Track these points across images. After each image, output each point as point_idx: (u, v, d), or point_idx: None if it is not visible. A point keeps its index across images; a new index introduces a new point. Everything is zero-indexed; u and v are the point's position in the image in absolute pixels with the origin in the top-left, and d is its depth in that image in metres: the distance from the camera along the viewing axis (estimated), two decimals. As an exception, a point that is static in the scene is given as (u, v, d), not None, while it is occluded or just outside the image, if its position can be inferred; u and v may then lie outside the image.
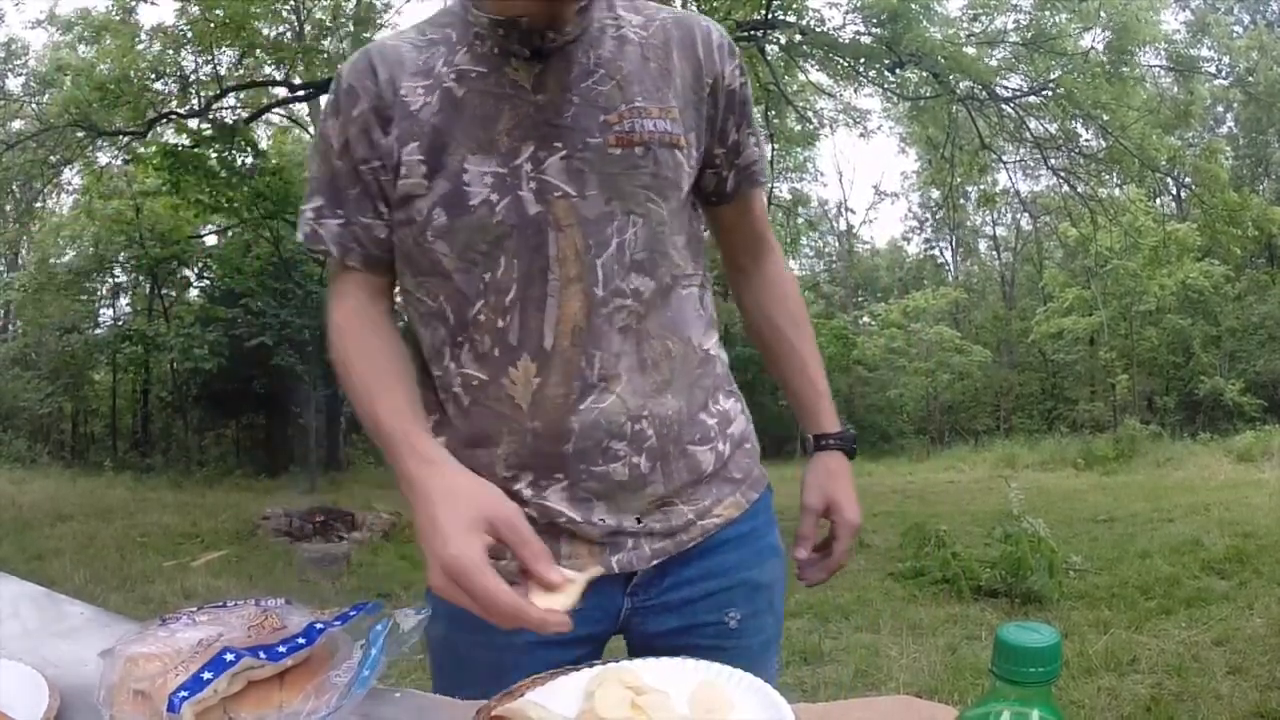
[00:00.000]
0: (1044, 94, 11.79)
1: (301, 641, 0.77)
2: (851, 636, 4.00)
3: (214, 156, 10.79)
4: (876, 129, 24.40)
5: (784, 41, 11.11)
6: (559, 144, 0.92)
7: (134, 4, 11.73)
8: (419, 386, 1.01)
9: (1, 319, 18.71)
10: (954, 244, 26.30)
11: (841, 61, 11.69)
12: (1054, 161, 13.14)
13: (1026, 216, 22.20)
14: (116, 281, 18.12)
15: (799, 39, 11.06)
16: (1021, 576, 4.49)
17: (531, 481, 0.97)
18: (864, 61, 11.54)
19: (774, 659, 1.12)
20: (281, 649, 0.75)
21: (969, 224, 24.57)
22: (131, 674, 0.73)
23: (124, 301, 18.86)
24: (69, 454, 16.32)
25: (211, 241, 16.15)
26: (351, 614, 0.82)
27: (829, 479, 1.13)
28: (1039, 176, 17.93)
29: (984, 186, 16.18)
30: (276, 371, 12.65)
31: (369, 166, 0.96)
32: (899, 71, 11.55)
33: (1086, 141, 12.56)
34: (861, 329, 21.33)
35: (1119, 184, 13.77)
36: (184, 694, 0.69)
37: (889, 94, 12.94)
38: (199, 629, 0.79)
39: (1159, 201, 18.44)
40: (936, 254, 26.98)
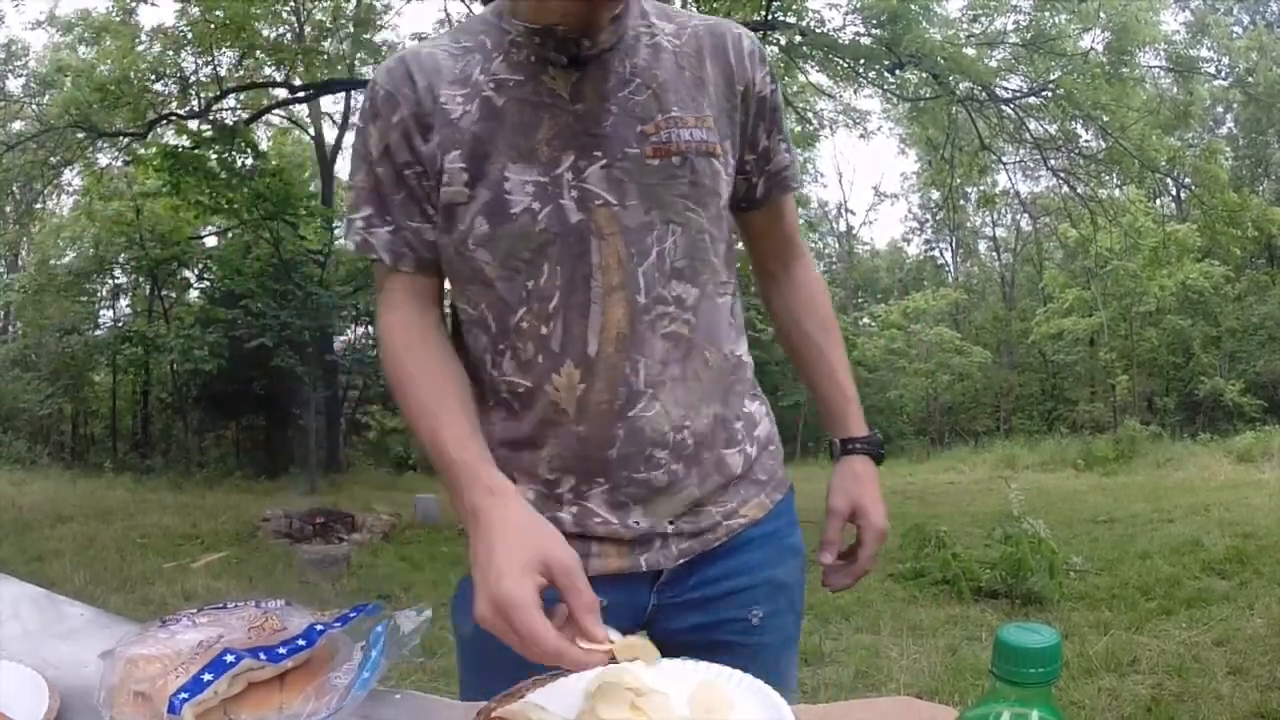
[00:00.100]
0: (1044, 95, 11.80)
1: (302, 643, 0.77)
2: (852, 637, 4.00)
3: (214, 158, 10.81)
4: (876, 130, 24.37)
5: (784, 42, 11.11)
6: (598, 153, 0.93)
7: (134, 5, 11.75)
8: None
9: (1, 320, 18.71)
10: (954, 245, 26.34)
11: (841, 62, 11.69)
12: (1054, 162, 13.16)
13: (1026, 217, 22.23)
14: (116, 283, 18.13)
15: (799, 40, 11.07)
16: (1022, 577, 4.49)
17: (573, 486, 0.99)
18: (864, 62, 11.54)
19: (793, 656, 1.14)
20: (282, 650, 0.75)
21: (969, 225, 24.59)
22: (132, 675, 0.73)
23: (124, 303, 18.88)
24: (69, 455, 16.32)
25: (211, 243, 16.15)
26: (352, 616, 0.82)
27: (855, 483, 1.14)
28: (1039, 177, 17.97)
29: (984, 187, 16.21)
30: (276, 373, 12.65)
31: (412, 171, 0.96)
32: (899, 72, 11.55)
33: (1086, 142, 12.58)
34: (861, 330, 21.32)
35: (1119, 185, 13.77)
36: (184, 695, 0.69)
37: (889, 95, 12.95)
38: (199, 630, 0.79)
39: (1159, 202, 18.44)
40: (936, 255, 27.02)
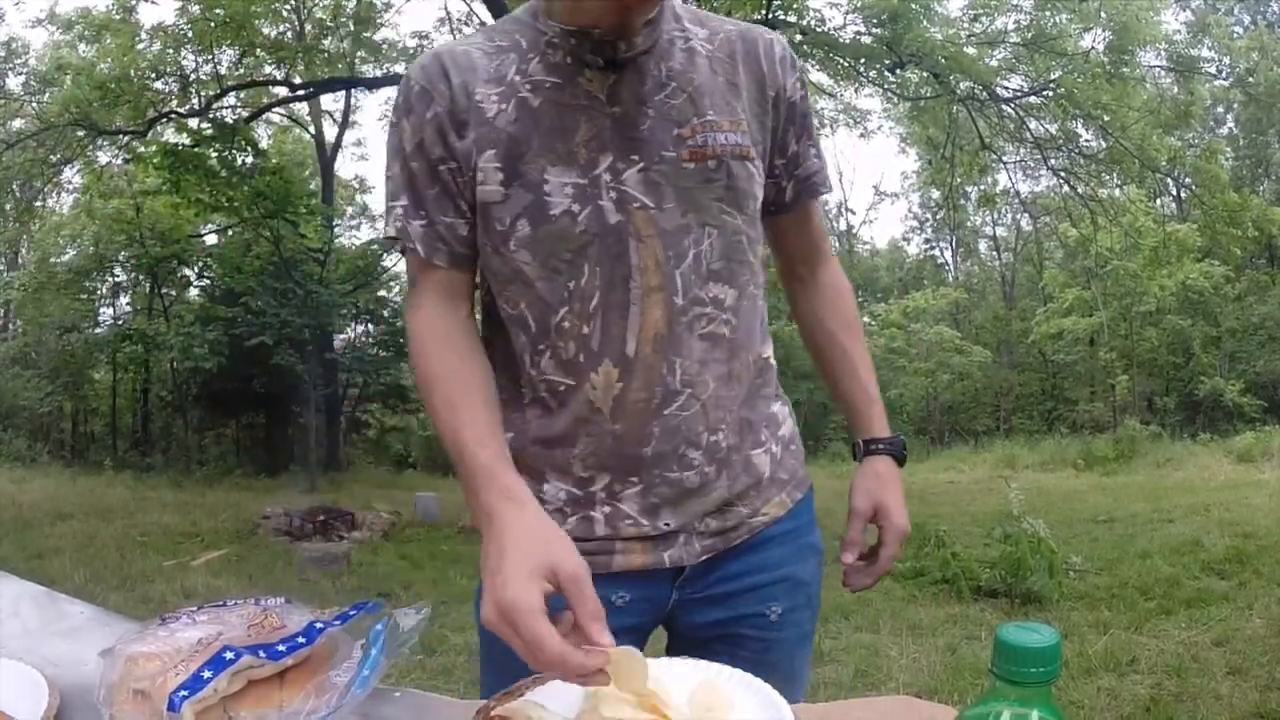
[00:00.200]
0: (1044, 94, 11.79)
1: (302, 641, 0.77)
2: (851, 636, 4.00)
3: (214, 156, 10.80)
4: (876, 129, 24.36)
5: (784, 42, 11.10)
6: (636, 156, 0.95)
7: (134, 3, 11.75)
8: (500, 385, 1.02)
9: (1, 318, 18.72)
10: (954, 244, 26.33)
11: (842, 61, 11.69)
12: (1054, 162, 13.15)
13: (1026, 217, 22.23)
14: (116, 281, 18.13)
15: (799, 39, 11.05)
16: (1021, 577, 4.50)
17: (606, 485, 1.00)
18: (864, 61, 11.54)
19: (808, 653, 1.15)
20: (281, 648, 0.75)
21: (969, 224, 24.59)
22: (131, 673, 0.73)
23: (124, 300, 18.88)
24: (69, 453, 16.32)
25: (212, 241, 16.15)
26: (352, 614, 0.82)
27: (878, 484, 1.15)
28: (1039, 177, 17.97)
29: (984, 187, 16.18)
30: (276, 371, 12.66)
31: (446, 167, 0.97)
32: (899, 72, 11.55)
33: (1086, 142, 12.57)
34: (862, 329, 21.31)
35: (1119, 184, 13.76)
36: (184, 693, 0.69)
37: (889, 94, 12.95)
38: (199, 628, 0.79)
39: (1159, 202, 18.42)
40: (936, 254, 27.01)
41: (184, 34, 11.49)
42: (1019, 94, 12.05)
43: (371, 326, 16.91)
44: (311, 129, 17.85)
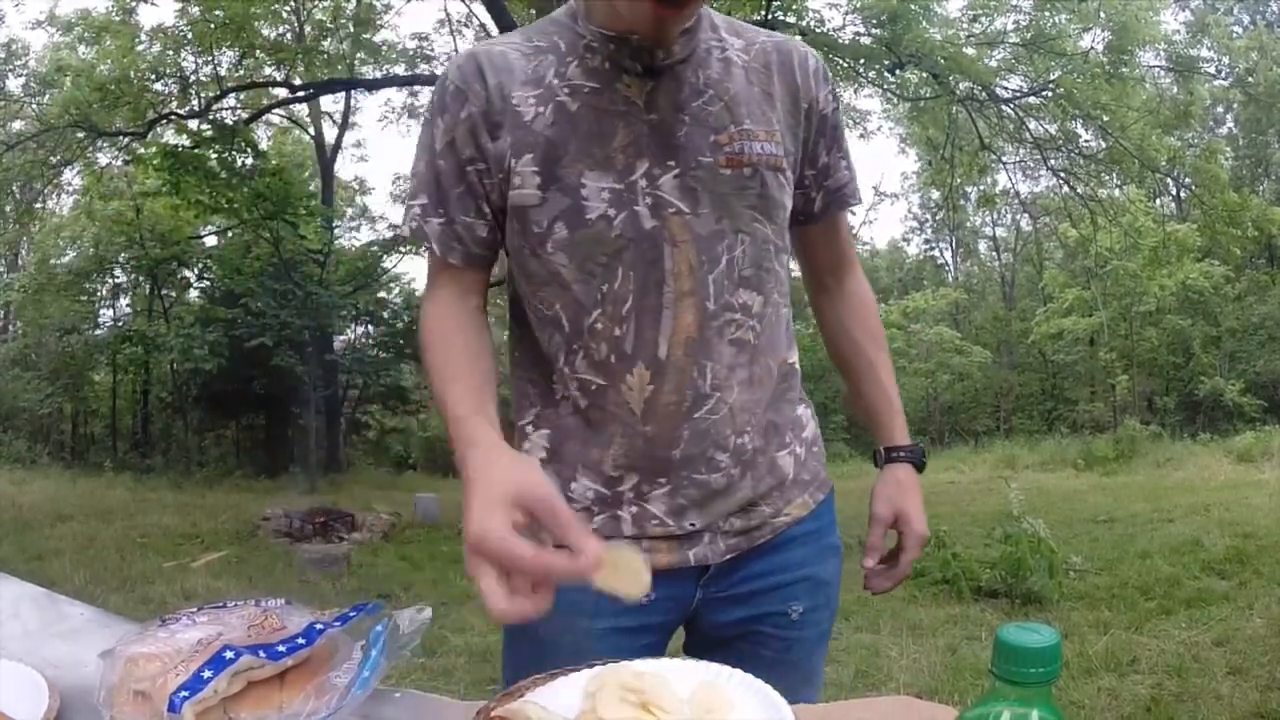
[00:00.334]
0: (1044, 95, 11.80)
1: (301, 642, 0.77)
2: (851, 637, 4.00)
3: (214, 157, 10.80)
4: (876, 130, 24.46)
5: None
6: (672, 162, 0.96)
7: (134, 4, 11.75)
8: (530, 381, 1.06)
9: (1, 320, 18.72)
10: (954, 245, 26.35)
11: (841, 62, 11.67)
12: (1054, 162, 13.15)
13: (1026, 217, 22.24)
14: (116, 282, 18.13)
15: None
16: (1021, 577, 4.49)
17: (635, 485, 1.01)
18: (864, 62, 11.54)
19: (824, 651, 1.18)
20: (282, 649, 0.75)
21: (969, 225, 24.61)
22: (131, 674, 0.73)
23: (124, 302, 18.89)
24: (69, 454, 16.32)
25: (211, 242, 16.15)
26: (352, 615, 0.82)
27: (899, 491, 1.18)
28: (1039, 177, 17.96)
29: (984, 187, 16.19)
30: (276, 372, 12.66)
31: (475, 168, 0.99)
32: (899, 72, 11.55)
33: (1086, 142, 12.57)
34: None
35: (1119, 184, 13.77)
36: (184, 694, 0.69)
37: (889, 95, 12.95)
38: (199, 629, 0.79)
39: (1159, 202, 18.44)
40: (936, 255, 27.04)
41: (184, 35, 11.50)
42: (1018, 94, 12.06)
43: (371, 328, 16.92)
44: (311, 130, 17.88)
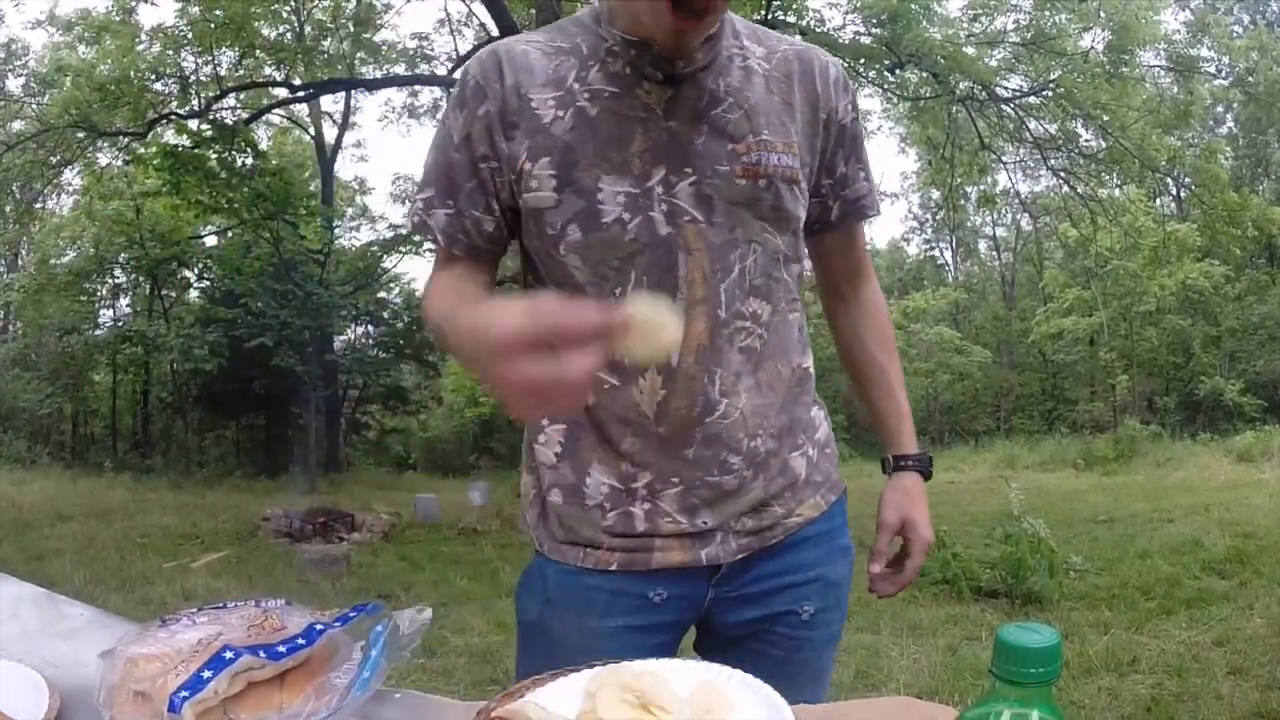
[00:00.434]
0: (1044, 94, 11.80)
1: (301, 642, 0.77)
2: (852, 637, 3.99)
3: (214, 157, 10.81)
4: (876, 129, 24.18)
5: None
6: (689, 170, 0.96)
7: (134, 4, 11.77)
8: None
9: (1, 320, 18.72)
10: (954, 244, 26.36)
11: (841, 62, 11.69)
12: (1054, 162, 13.16)
13: (1026, 217, 22.25)
14: (116, 282, 18.15)
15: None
16: (1022, 577, 4.49)
17: (648, 483, 1.02)
18: (864, 62, 11.55)
19: (834, 651, 1.18)
20: (282, 649, 0.75)
21: (969, 224, 24.61)
22: (131, 675, 0.73)
23: (124, 302, 18.91)
24: (69, 455, 16.33)
25: (211, 242, 16.16)
26: (352, 615, 0.82)
27: (906, 498, 1.20)
28: (1039, 177, 17.99)
29: (984, 187, 16.19)
30: (276, 372, 12.67)
31: (487, 165, 1.00)
32: (899, 72, 11.56)
33: (1086, 142, 12.58)
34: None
35: (1119, 184, 13.78)
36: (185, 694, 0.69)
37: (889, 94, 12.96)
38: (199, 629, 0.79)
39: (1159, 202, 18.45)
40: (936, 254, 27.05)
41: (184, 35, 11.51)
42: (1019, 94, 12.07)
43: (371, 328, 16.94)
44: (311, 130, 17.88)
